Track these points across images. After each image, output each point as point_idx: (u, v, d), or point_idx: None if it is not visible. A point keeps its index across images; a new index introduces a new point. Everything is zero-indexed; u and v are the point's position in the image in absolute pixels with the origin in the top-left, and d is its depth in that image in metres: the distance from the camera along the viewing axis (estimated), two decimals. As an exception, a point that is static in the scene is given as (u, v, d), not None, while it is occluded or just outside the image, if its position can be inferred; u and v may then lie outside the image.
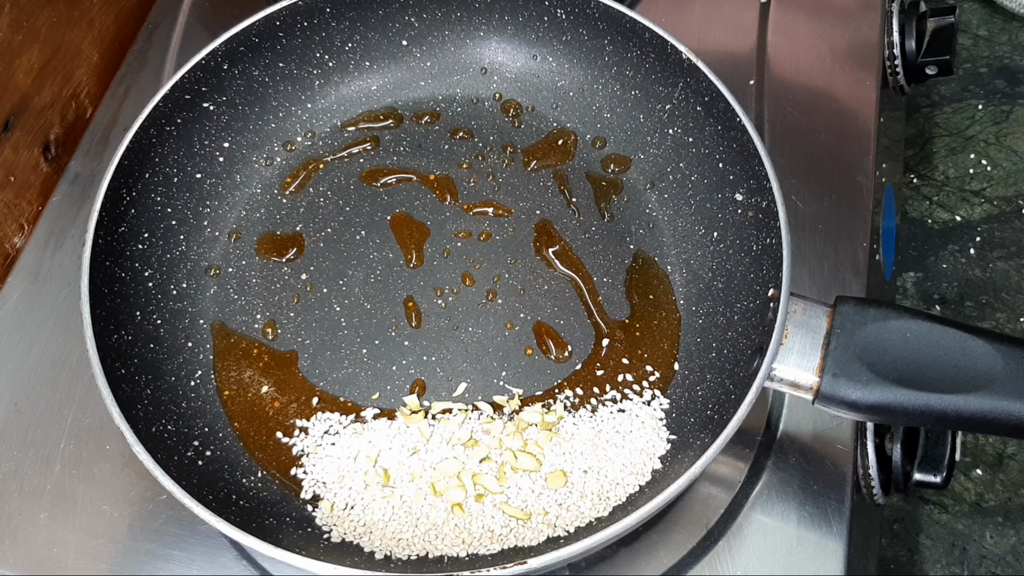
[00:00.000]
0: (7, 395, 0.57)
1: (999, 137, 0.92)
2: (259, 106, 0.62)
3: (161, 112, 0.56)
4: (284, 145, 0.63)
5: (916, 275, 0.86)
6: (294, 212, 0.60)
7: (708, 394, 0.52)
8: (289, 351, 0.56)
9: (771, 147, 0.53)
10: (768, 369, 0.46)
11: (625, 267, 0.58)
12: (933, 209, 0.90)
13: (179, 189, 0.58)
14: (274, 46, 0.61)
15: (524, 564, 0.43)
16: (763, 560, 0.51)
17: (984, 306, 0.84)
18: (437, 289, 0.57)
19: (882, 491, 0.54)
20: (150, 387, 0.51)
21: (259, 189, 0.61)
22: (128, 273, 0.54)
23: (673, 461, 0.50)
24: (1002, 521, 0.76)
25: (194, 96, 0.58)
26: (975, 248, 0.87)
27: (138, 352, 0.52)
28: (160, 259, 0.57)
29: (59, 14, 0.64)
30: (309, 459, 0.52)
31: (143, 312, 0.54)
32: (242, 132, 0.61)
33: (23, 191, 0.63)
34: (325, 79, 0.63)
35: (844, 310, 0.47)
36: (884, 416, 0.46)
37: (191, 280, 0.57)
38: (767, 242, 0.52)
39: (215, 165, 0.60)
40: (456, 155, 0.62)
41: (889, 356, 0.45)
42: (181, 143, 0.58)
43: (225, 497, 0.48)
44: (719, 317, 0.55)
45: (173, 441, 0.49)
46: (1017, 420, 0.43)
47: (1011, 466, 0.78)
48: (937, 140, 0.93)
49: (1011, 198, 0.89)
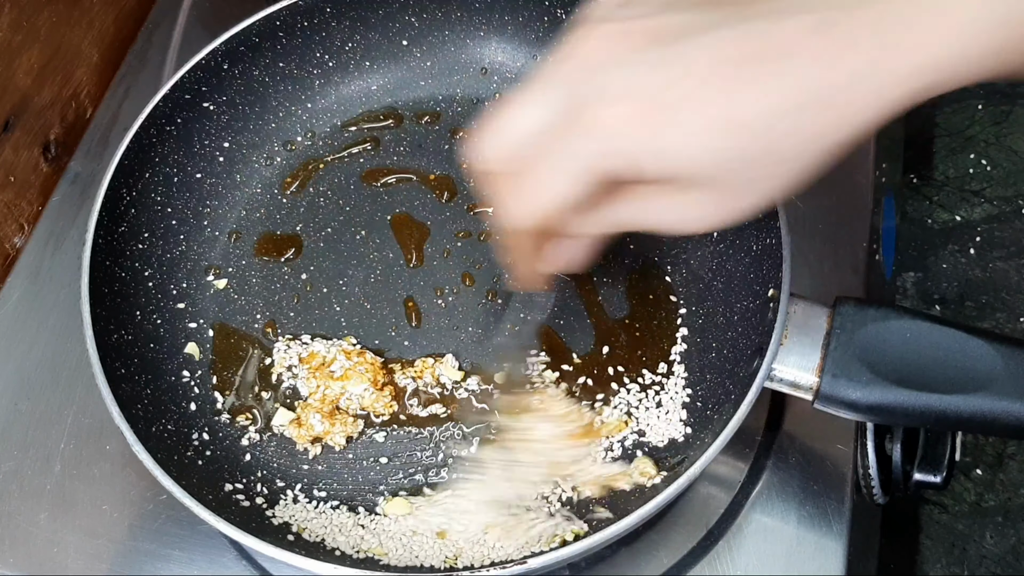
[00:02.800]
0: (7, 395, 0.57)
1: (999, 137, 0.92)
2: (259, 106, 0.62)
3: (161, 112, 0.56)
4: (284, 145, 0.63)
5: (916, 275, 0.86)
6: (294, 212, 0.60)
7: (708, 394, 0.52)
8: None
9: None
10: (768, 369, 0.46)
11: (625, 267, 0.58)
12: (933, 209, 0.90)
13: (179, 189, 0.58)
14: (274, 46, 0.61)
15: (524, 564, 0.43)
16: (763, 560, 0.51)
17: (984, 306, 0.84)
18: (437, 289, 0.57)
19: (882, 491, 0.54)
20: (150, 387, 0.51)
21: (259, 189, 0.61)
22: (128, 273, 0.54)
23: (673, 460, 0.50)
24: (1002, 521, 0.76)
25: (194, 96, 0.58)
26: (975, 248, 0.87)
27: (138, 352, 0.52)
28: (160, 259, 0.57)
29: (59, 14, 0.64)
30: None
31: (143, 312, 0.54)
32: (242, 132, 0.61)
33: (23, 191, 0.63)
34: (325, 79, 0.63)
35: (844, 310, 0.47)
36: (884, 416, 0.46)
37: (191, 280, 0.57)
38: (767, 242, 0.52)
39: (215, 165, 0.60)
40: (456, 155, 0.62)
41: (889, 356, 0.45)
42: (181, 143, 0.58)
43: (225, 497, 0.48)
44: (719, 317, 0.55)
45: (173, 441, 0.49)
46: (1017, 420, 0.43)
47: (1011, 466, 0.78)
48: (937, 140, 0.93)
49: (1011, 198, 0.89)
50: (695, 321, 0.56)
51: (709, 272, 0.56)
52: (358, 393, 0.53)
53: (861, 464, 0.54)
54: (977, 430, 0.46)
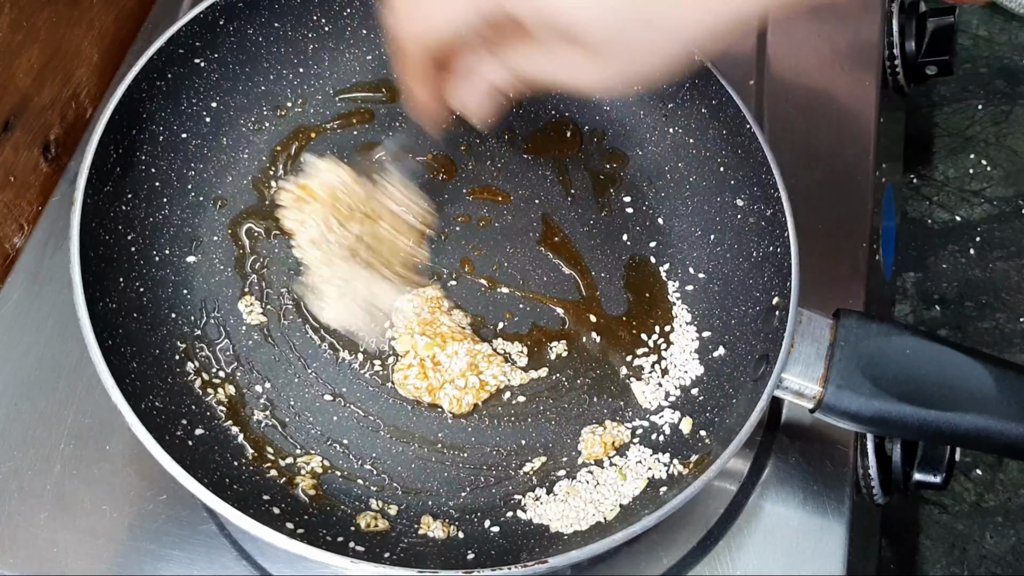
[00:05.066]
0: (7, 395, 0.57)
1: (999, 137, 0.92)
2: (250, 66, 0.60)
3: (154, 65, 0.54)
4: (274, 110, 0.61)
5: (916, 275, 0.86)
6: (284, 181, 0.59)
7: (707, 395, 0.52)
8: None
9: (771, 147, 0.53)
10: (778, 378, 0.46)
11: (623, 263, 0.58)
12: (933, 209, 0.90)
13: (164, 149, 0.56)
14: (272, 4, 0.59)
15: (546, 562, 0.43)
16: (763, 560, 0.51)
17: (984, 306, 0.84)
18: (436, 274, 0.57)
19: (882, 491, 0.54)
20: (135, 360, 0.50)
21: (246, 155, 0.60)
22: (111, 236, 0.53)
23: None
24: (1002, 521, 0.76)
25: (187, 51, 0.56)
26: (975, 248, 0.87)
27: (122, 322, 0.51)
28: (143, 222, 0.55)
29: (59, 14, 0.64)
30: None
31: (126, 279, 0.53)
32: (231, 92, 0.59)
33: (23, 191, 0.63)
34: (320, 44, 0.61)
35: (847, 323, 0.48)
36: (882, 428, 0.47)
37: (173, 247, 0.56)
38: (768, 250, 0.52)
39: (201, 125, 0.58)
40: (455, 136, 0.61)
41: (891, 371, 0.46)
42: (169, 100, 0.56)
43: (219, 481, 0.47)
44: (714, 319, 0.55)
45: (162, 419, 0.48)
46: (1007, 440, 0.45)
47: (1011, 466, 0.78)
48: (937, 140, 0.93)
49: (1011, 198, 0.89)
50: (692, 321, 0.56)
51: (704, 274, 0.57)
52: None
53: (861, 464, 0.54)
54: (971, 446, 0.48)
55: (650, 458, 0.51)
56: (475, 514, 0.50)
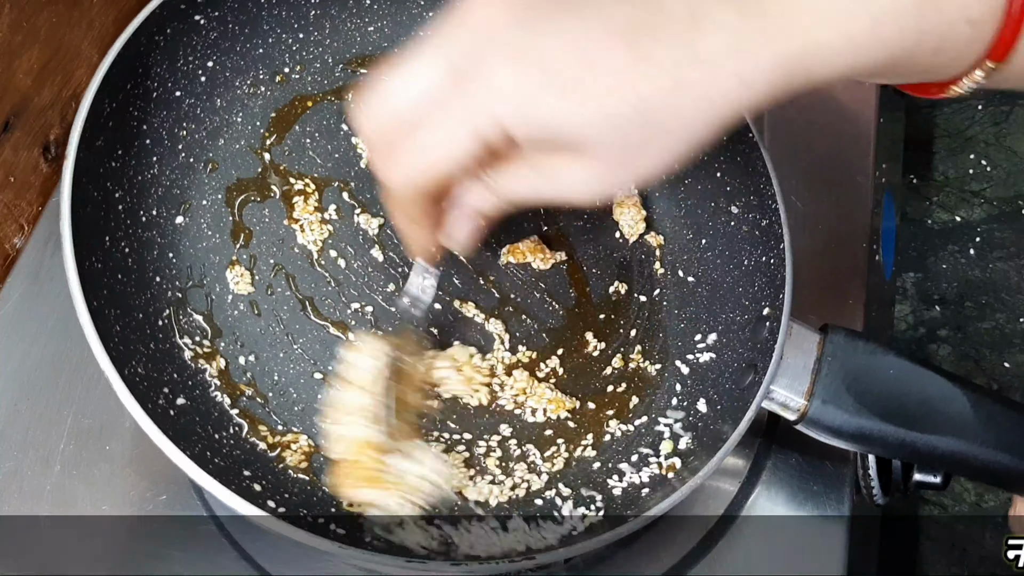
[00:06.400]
0: (7, 395, 0.57)
1: (999, 137, 0.92)
2: (250, 27, 0.58)
3: (156, 18, 0.53)
4: (272, 75, 0.60)
5: (916, 275, 0.86)
6: (279, 150, 0.58)
7: (688, 400, 0.52)
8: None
9: (771, 147, 0.53)
10: (767, 389, 0.47)
11: (614, 260, 0.58)
12: (933, 209, 0.90)
13: (157, 106, 0.55)
14: None
15: (533, 558, 0.43)
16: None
17: (984, 306, 0.84)
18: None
19: (882, 491, 0.54)
20: (119, 323, 0.48)
21: (239, 118, 0.59)
22: (100, 192, 0.51)
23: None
24: (1002, 521, 0.76)
25: (188, 6, 0.55)
26: (975, 248, 0.87)
27: (107, 283, 0.49)
28: (131, 180, 0.53)
29: (59, 14, 0.64)
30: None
31: (112, 238, 0.51)
32: (228, 53, 0.58)
33: (23, 191, 0.63)
34: (322, 10, 0.60)
35: (835, 339, 0.48)
36: (862, 444, 0.48)
37: (161, 208, 0.55)
38: (761, 259, 0.52)
39: (196, 84, 0.57)
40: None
41: (874, 389, 0.47)
42: (166, 55, 0.55)
43: (200, 453, 0.46)
44: (701, 324, 0.55)
45: (144, 386, 0.47)
46: (981, 464, 0.47)
47: (1011, 466, 0.78)
48: (937, 140, 0.93)
49: (1011, 198, 0.89)
50: (676, 325, 0.56)
51: (693, 277, 0.57)
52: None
53: (861, 464, 0.54)
54: (948, 468, 0.49)
55: (635, 462, 0.51)
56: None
